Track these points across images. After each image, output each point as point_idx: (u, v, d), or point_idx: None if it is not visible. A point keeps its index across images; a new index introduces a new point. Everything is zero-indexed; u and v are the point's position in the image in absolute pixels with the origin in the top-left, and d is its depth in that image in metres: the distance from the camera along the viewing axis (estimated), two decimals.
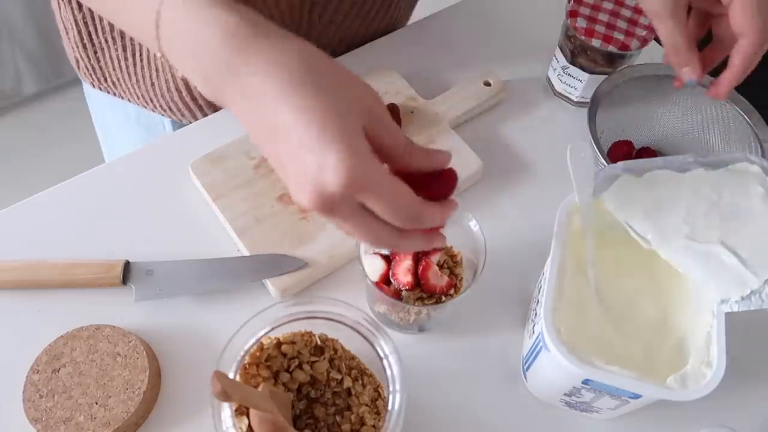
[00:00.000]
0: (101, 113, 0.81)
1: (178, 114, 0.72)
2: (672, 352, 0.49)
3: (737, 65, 0.52)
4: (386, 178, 0.36)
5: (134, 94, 0.73)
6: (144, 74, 0.69)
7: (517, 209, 0.64)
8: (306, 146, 0.35)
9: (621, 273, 0.55)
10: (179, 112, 0.71)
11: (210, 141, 0.63)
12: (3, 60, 1.63)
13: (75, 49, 0.71)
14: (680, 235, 0.47)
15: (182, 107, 0.70)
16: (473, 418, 0.53)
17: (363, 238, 0.39)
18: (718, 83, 0.55)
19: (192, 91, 0.68)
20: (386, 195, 0.36)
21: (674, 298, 0.52)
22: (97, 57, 0.71)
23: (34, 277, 0.54)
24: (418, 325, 0.55)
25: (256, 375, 0.46)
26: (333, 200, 0.35)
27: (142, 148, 0.66)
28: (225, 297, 0.56)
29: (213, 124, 0.68)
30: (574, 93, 0.71)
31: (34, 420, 0.48)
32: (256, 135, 0.38)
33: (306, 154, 0.35)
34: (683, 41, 0.53)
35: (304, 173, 0.35)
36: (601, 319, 0.54)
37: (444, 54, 0.76)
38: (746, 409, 0.55)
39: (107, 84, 0.74)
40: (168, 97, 0.69)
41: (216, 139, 0.63)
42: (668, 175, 0.49)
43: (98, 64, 0.71)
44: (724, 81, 0.54)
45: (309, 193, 0.35)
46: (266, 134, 0.37)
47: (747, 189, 0.48)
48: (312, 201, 0.36)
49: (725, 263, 0.46)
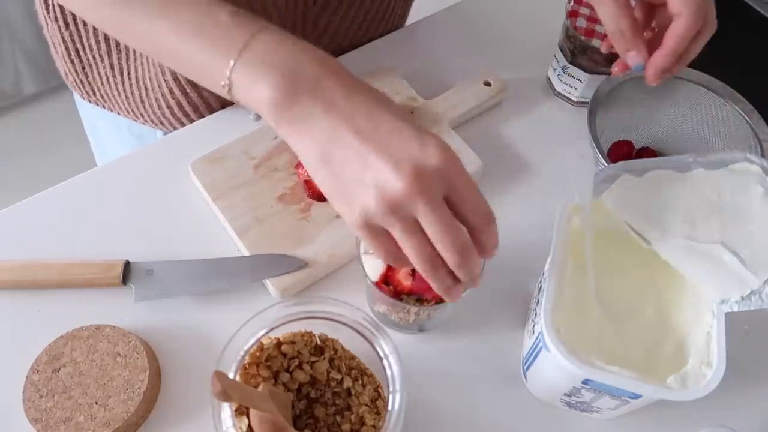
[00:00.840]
0: (92, 122, 0.80)
1: (169, 126, 0.71)
2: (672, 353, 0.49)
3: (669, 46, 0.51)
4: (470, 180, 0.40)
5: (124, 109, 0.72)
6: (133, 91, 0.69)
7: (517, 209, 0.64)
8: (405, 131, 0.39)
9: (621, 273, 0.55)
10: (171, 125, 0.71)
11: (210, 141, 0.63)
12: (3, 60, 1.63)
13: (63, 63, 0.71)
14: (680, 235, 0.47)
15: (174, 121, 0.70)
16: (473, 418, 0.53)
17: (412, 250, 0.40)
18: (648, 64, 0.53)
19: (184, 107, 0.68)
20: (466, 196, 0.39)
21: (674, 298, 0.52)
22: (86, 72, 0.70)
23: (34, 277, 0.54)
24: (418, 325, 0.55)
25: (256, 375, 0.46)
26: (431, 176, 0.38)
27: (142, 148, 0.66)
28: (225, 297, 0.56)
29: (213, 124, 0.68)
30: (574, 93, 0.71)
31: (34, 420, 0.48)
32: (330, 132, 0.40)
33: (405, 138, 0.38)
34: (627, 24, 0.51)
35: (402, 152, 0.38)
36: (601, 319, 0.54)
37: (444, 54, 0.76)
38: (746, 409, 0.55)
39: (96, 97, 0.73)
40: (159, 113, 0.69)
41: (216, 139, 0.63)
42: (668, 175, 0.49)
43: (87, 79, 0.71)
44: (654, 61, 0.52)
45: (409, 169, 0.37)
46: (347, 128, 0.39)
47: (747, 189, 0.48)
48: (411, 174, 0.37)
49: (725, 263, 0.46)
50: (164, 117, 0.70)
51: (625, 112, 0.68)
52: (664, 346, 0.51)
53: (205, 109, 0.69)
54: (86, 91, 0.73)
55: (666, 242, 0.47)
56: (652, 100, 0.67)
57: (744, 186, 0.48)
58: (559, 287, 0.47)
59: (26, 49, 1.64)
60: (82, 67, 0.70)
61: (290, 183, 0.62)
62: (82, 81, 0.72)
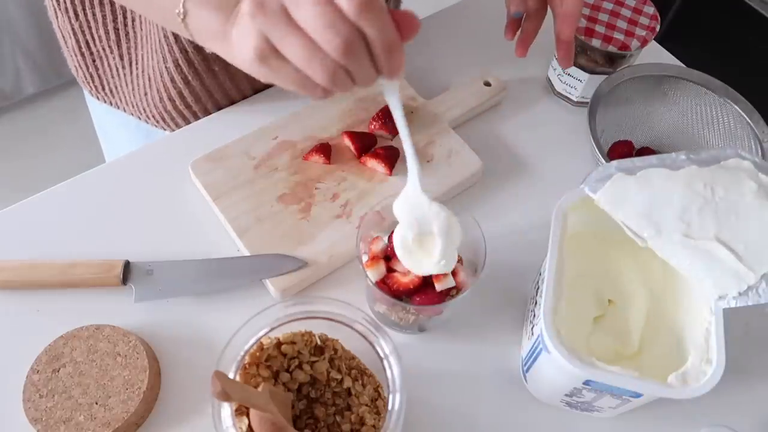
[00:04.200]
0: (102, 119, 0.81)
1: (172, 124, 0.72)
2: (671, 350, 0.49)
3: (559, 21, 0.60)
4: None
5: (129, 103, 0.73)
6: (138, 83, 0.70)
7: (517, 209, 0.64)
8: None
9: (618, 272, 0.55)
10: (173, 121, 0.71)
11: (210, 141, 0.63)
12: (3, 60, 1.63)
13: (74, 57, 0.72)
14: (675, 233, 0.47)
15: (176, 116, 0.70)
16: (473, 418, 0.53)
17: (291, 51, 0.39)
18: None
19: (186, 98, 0.68)
20: None
21: (671, 295, 0.52)
22: (96, 65, 0.71)
23: (34, 277, 0.54)
24: (418, 325, 0.55)
25: (256, 375, 0.46)
26: None
27: (142, 148, 0.66)
28: (225, 297, 0.56)
29: (213, 124, 0.68)
30: (574, 93, 0.71)
31: (34, 420, 0.48)
32: None
33: None
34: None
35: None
36: (600, 319, 0.54)
37: (444, 54, 0.76)
38: (746, 409, 0.55)
39: (104, 92, 0.74)
40: (161, 106, 0.70)
41: (216, 139, 0.63)
42: (661, 173, 0.49)
43: (97, 72, 0.72)
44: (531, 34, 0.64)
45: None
46: None
47: (740, 185, 0.48)
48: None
49: (721, 259, 0.46)
50: (165, 111, 0.70)
51: (625, 112, 0.68)
52: (663, 344, 0.51)
53: (206, 100, 0.69)
54: (95, 86, 0.74)
55: (662, 240, 0.47)
56: (652, 100, 0.67)
57: (737, 182, 0.48)
58: (558, 288, 0.47)
59: (26, 49, 1.64)
60: (92, 60, 0.70)
61: (290, 183, 0.62)
62: (92, 75, 0.72)
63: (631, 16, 0.67)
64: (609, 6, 0.67)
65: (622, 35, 0.66)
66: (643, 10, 0.67)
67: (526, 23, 0.64)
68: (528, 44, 0.65)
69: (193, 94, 0.67)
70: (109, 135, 0.83)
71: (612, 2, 0.68)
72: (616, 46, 0.65)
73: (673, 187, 0.48)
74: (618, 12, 0.67)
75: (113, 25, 0.66)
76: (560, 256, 0.48)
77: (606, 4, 0.67)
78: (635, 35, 0.66)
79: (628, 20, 0.67)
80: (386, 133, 0.65)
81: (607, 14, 0.67)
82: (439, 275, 0.50)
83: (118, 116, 0.77)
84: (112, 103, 0.75)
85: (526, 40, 0.64)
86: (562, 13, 0.60)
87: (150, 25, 0.63)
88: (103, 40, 0.67)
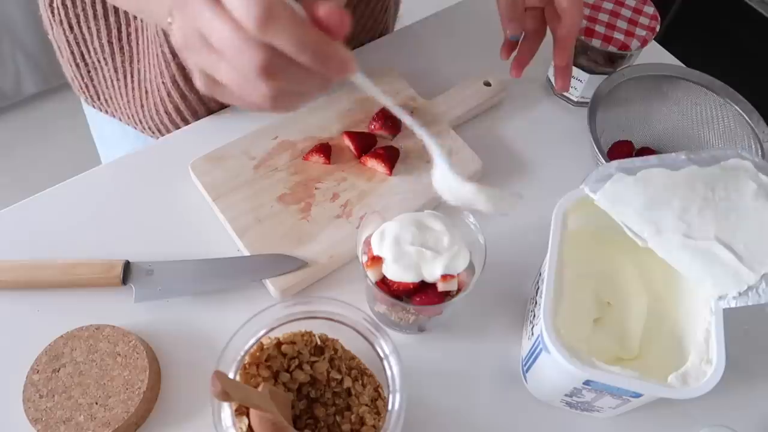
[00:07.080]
0: (99, 126, 0.81)
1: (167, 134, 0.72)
2: (671, 350, 0.49)
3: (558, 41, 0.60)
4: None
5: (125, 113, 0.73)
6: (134, 95, 0.70)
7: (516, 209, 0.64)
8: None
9: (617, 272, 0.55)
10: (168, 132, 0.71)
11: (210, 141, 0.63)
12: (3, 60, 1.63)
13: (69, 67, 0.72)
14: (675, 233, 0.47)
15: (172, 128, 0.70)
16: (473, 418, 0.53)
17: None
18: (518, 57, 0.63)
19: (182, 112, 0.68)
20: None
21: (671, 296, 0.52)
22: (90, 76, 0.71)
23: (34, 277, 0.54)
24: (418, 325, 0.55)
25: (256, 375, 0.46)
26: None
27: (142, 149, 0.66)
28: (225, 297, 0.56)
29: (213, 124, 0.68)
30: (574, 93, 0.71)
31: (34, 420, 0.48)
32: None
33: None
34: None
35: None
36: (600, 319, 0.54)
37: (444, 54, 0.76)
38: (746, 409, 0.55)
39: (100, 102, 0.74)
40: (157, 119, 0.70)
41: (216, 139, 0.63)
42: (661, 173, 0.49)
43: (92, 82, 0.72)
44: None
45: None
46: None
47: (739, 185, 0.48)
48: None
49: (721, 259, 0.46)
50: (162, 123, 0.70)
51: (625, 112, 0.68)
52: (663, 344, 0.51)
53: (204, 113, 0.69)
54: (91, 95, 0.74)
55: (662, 240, 0.47)
56: (653, 100, 0.67)
57: (736, 182, 0.48)
58: (558, 288, 0.47)
59: (26, 50, 1.64)
60: (87, 71, 0.71)
61: (290, 183, 0.62)
62: (87, 85, 0.72)
63: (631, 16, 0.67)
64: (609, 6, 0.67)
65: (622, 35, 0.66)
66: (643, 10, 0.67)
67: (523, 44, 0.63)
68: (524, 66, 0.64)
69: (190, 108, 0.67)
70: (106, 141, 0.83)
71: (612, 2, 0.68)
72: (616, 46, 0.65)
73: (673, 188, 0.48)
74: (618, 12, 0.67)
75: (107, 39, 0.66)
76: (560, 256, 0.48)
77: (606, 4, 0.67)
78: (635, 35, 0.66)
79: (628, 20, 0.67)
80: (386, 133, 0.65)
81: (607, 14, 0.67)
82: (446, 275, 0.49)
83: (114, 124, 0.77)
84: (107, 112, 0.75)
85: (521, 61, 0.64)
86: (560, 37, 0.59)
87: (148, 41, 0.63)
88: (98, 52, 0.67)
